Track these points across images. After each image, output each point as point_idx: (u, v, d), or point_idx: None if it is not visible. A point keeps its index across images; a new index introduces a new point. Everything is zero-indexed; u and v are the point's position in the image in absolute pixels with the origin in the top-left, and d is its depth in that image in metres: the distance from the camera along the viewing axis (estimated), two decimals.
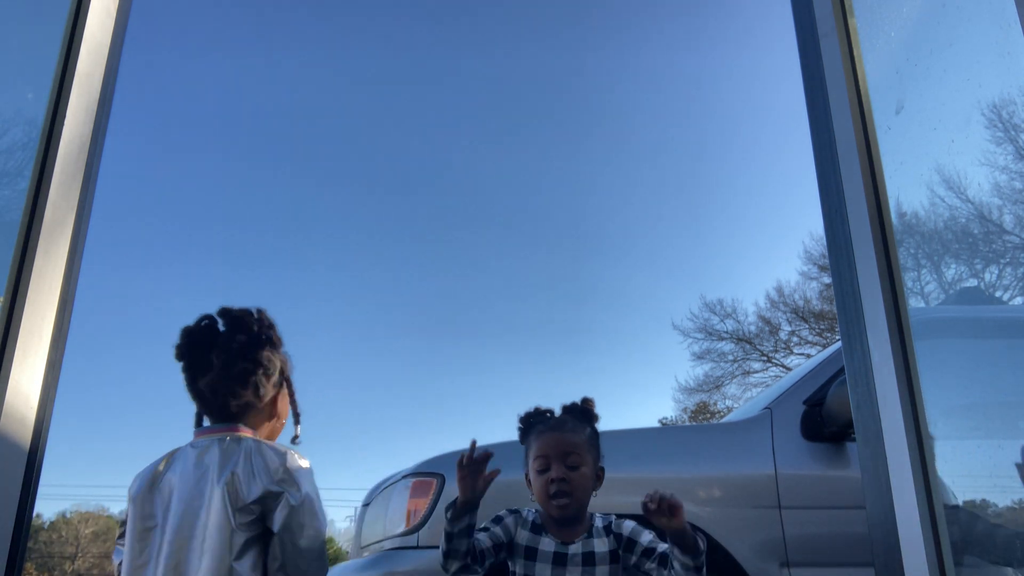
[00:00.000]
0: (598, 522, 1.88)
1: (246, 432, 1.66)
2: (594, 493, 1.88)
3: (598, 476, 1.89)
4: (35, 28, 1.49)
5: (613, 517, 1.90)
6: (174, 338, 1.71)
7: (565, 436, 1.86)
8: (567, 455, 1.83)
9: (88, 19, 1.34)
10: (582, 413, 1.95)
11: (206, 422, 1.71)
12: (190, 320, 1.72)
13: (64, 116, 1.27)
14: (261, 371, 1.69)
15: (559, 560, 1.79)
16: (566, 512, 1.81)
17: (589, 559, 1.80)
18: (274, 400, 1.76)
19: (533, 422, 1.94)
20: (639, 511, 2.54)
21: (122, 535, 1.84)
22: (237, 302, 1.75)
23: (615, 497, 2.56)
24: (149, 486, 1.61)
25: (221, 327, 1.72)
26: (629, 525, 1.86)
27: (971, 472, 1.57)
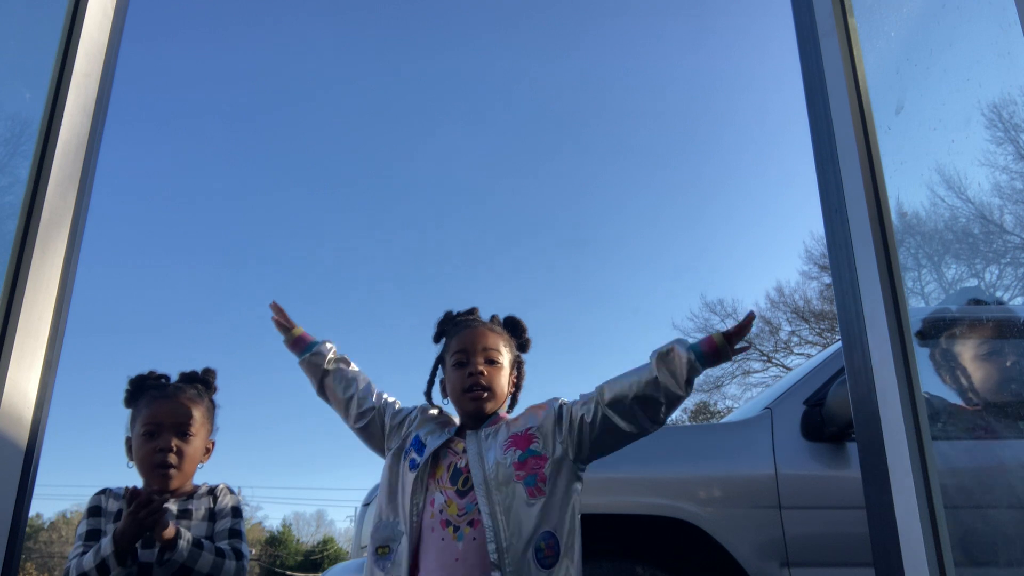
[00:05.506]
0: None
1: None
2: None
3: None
4: (33, 28, 1.48)
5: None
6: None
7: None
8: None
9: (85, 20, 1.33)
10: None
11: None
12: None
13: (61, 116, 1.26)
14: None
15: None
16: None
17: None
18: None
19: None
20: (640, 511, 2.54)
21: None
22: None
23: (617, 497, 2.56)
24: None
25: None
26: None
27: (971, 471, 1.56)
